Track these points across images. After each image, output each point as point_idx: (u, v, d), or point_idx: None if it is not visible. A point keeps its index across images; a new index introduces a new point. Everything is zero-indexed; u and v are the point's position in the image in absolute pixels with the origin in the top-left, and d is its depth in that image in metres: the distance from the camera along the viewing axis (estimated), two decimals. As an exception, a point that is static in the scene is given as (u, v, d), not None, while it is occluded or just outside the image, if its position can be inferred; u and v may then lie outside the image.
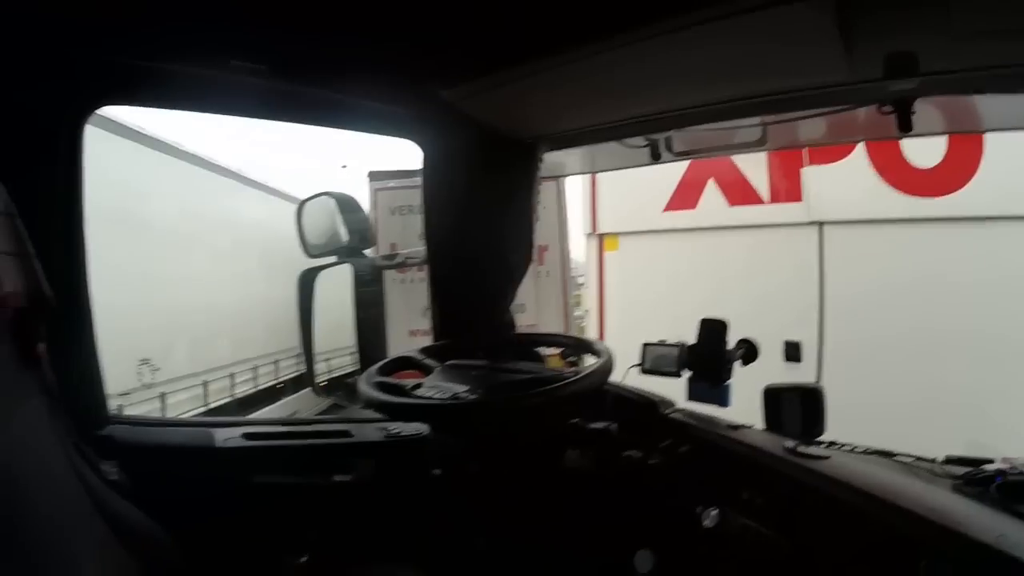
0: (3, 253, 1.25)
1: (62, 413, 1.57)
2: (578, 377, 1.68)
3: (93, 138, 1.92)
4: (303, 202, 2.51)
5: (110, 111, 1.91)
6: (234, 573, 2.00)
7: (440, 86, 1.92)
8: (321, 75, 2.04)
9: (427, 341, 2.35)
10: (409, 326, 6.67)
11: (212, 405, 8.06)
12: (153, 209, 6.85)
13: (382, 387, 1.82)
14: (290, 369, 10.38)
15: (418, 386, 1.81)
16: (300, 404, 10.02)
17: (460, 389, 1.74)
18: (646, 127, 2.23)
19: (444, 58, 1.86)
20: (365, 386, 1.83)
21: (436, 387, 1.78)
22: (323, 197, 2.47)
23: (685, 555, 1.56)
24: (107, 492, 1.62)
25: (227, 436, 2.14)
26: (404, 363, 2.04)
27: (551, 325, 6.48)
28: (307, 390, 9.99)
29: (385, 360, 2.03)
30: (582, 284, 7.42)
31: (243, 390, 9.01)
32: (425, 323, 6.92)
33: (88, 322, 1.93)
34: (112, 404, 2.13)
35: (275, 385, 10.01)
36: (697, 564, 1.54)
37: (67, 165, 1.84)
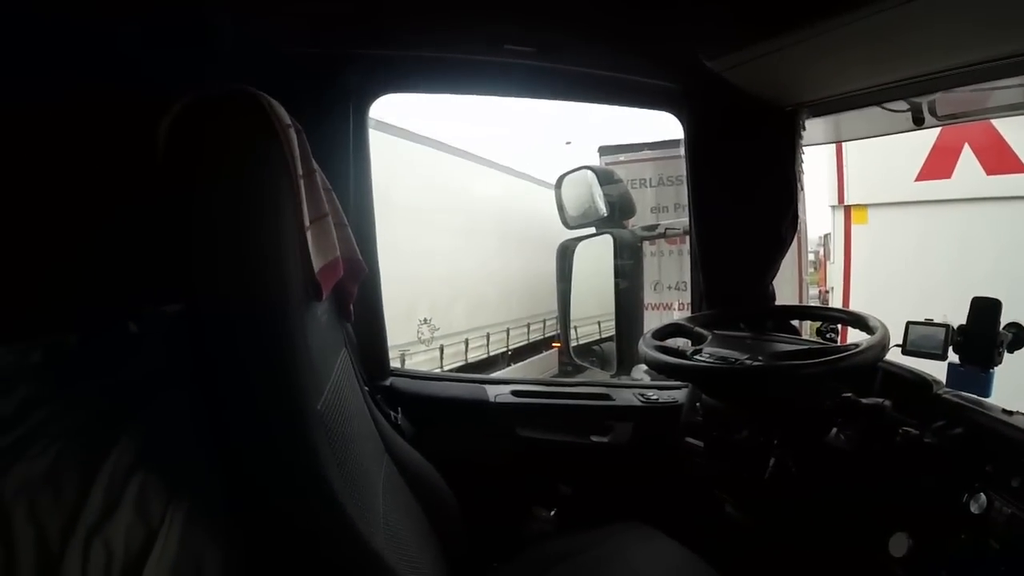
0: (334, 224, 1.43)
1: (359, 363, 1.79)
2: (860, 349, 1.65)
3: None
4: (562, 176, 2.61)
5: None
6: (491, 517, 2.15)
7: (705, 57, 1.93)
8: (587, 54, 2.14)
9: (657, 315, 2.40)
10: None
11: (447, 368, 8.48)
12: (402, 190, 7.29)
13: (664, 351, 1.88)
14: (520, 338, 10.71)
15: (696, 352, 1.85)
16: (527, 371, 10.36)
17: (740, 356, 1.77)
18: (910, 90, 2.12)
19: (709, 29, 1.87)
20: (648, 350, 1.89)
21: (715, 353, 1.82)
22: (582, 170, 2.55)
23: (945, 541, 1.51)
24: (394, 435, 1.84)
25: (497, 392, 2.34)
26: (676, 330, 2.09)
27: (786, 301, 6.26)
28: (536, 357, 10.36)
29: (659, 327, 2.08)
30: (812, 261, 7.11)
31: (475, 356, 9.40)
32: (655, 297, 7.06)
33: (377, 286, 2.20)
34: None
35: (505, 352, 10.35)
36: (957, 552, 1.49)
37: (356, 147, 2.10)
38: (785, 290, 6.39)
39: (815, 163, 5.64)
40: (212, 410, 1.10)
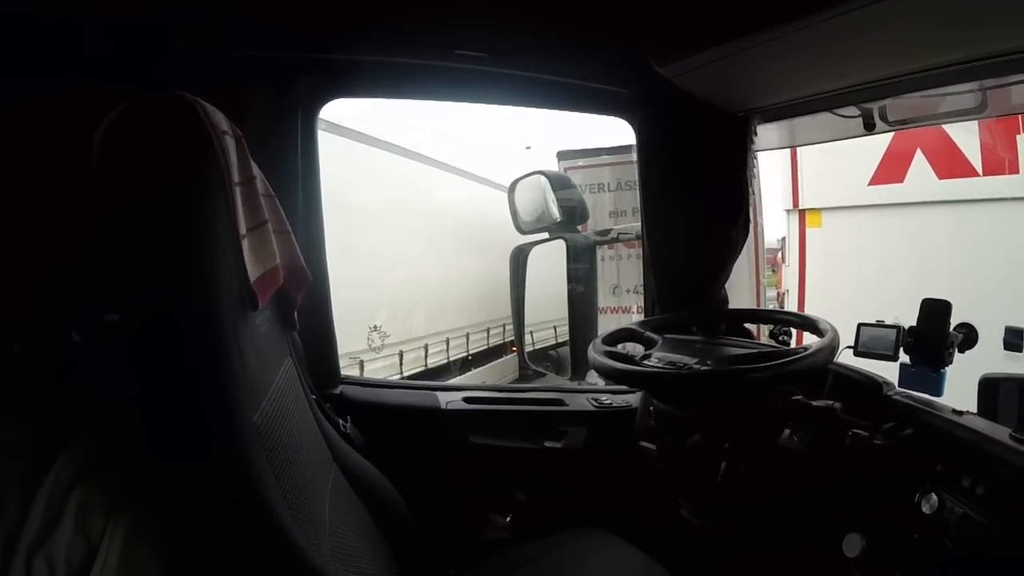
0: (273, 231, 1.40)
1: (306, 372, 1.76)
2: (809, 352, 1.67)
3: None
4: (515, 181, 2.60)
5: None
6: (446, 525, 2.13)
7: (656, 63, 1.93)
8: (538, 59, 2.13)
9: (615, 318, 2.41)
10: (599, 304, 6.72)
11: (407, 374, 8.43)
12: (363, 195, 7.24)
13: (613, 356, 1.88)
14: (479, 343, 10.69)
15: (646, 357, 1.86)
16: (487, 376, 10.36)
17: (689, 360, 1.77)
18: (860, 96, 2.15)
19: (660, 35, 1.88)
20: (597, 356, 1.89)
21: (664, 358, 1.83)
22: (535, 175, 2.54)
23: (897, 541, 1.53)
24: (342, 444, 1.81)
25: (449, 399, 2.31)
26: (627, 335, 2.09)
27: (743, 304, 6.31)
28: (494, 363, 10.35)
29: (609, 332, 2.09)
30: (769, 264, 7.19)
31: (435, 361, 9.36)
32: (614, 301, 7.09)
33: (326, 294, 2.16)
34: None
35: (465, 357, 10.32)
36: (910, 551, 1.50)
37: (305, 153, 2.06)
38: (742, 293, 6.49)
39: (771, 167, 5.74)
40: (147, 422, 1.07)
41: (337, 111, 6.89)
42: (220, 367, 1.07)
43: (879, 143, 5.11)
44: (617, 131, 2.40)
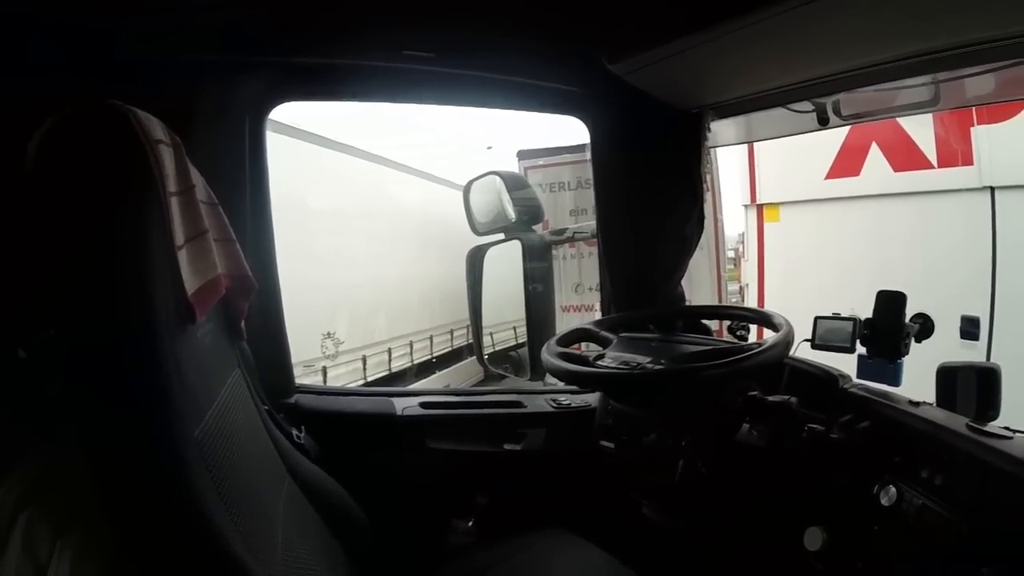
0: (214, 239, 1.36)
1: (257, 383, 1.72)
2: (763, 348, 1.67)
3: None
4: (470, 182, 2.57)
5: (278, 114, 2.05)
6: (407, 534, 2.11)
7: (608, 61, 1.92)
8: (488, 59, 2.11)
9: (578, 317, 2.40)
10: (561, 302, 6.74)
11: (370, 379, 8.39)
12: (322, 198, 7.19)
13: (566, 358, 1.87)
14: (443, 344, 10.67)
15: (600, 357, 1.85)
16: (452, 378, 10.33)
17: (642, 360, 1.76)
18: (813, 91, 2.15)
19: (610, 32, 1.87)
20: (550, 357, 1.88)
21: (618, 358, 1.81)
22: (489, 176, 2.52)
23: (858, 534, 1.53)
24: (296, 455, 1.77)
25: (405, 405, 2.28)
26: (582, 335, 2.09)
27: (704, 300, 6.40)
28: (459, 364, 10.33)
29: (563, 333, 2.08)
30: (731, 258, 7.27)
31: (399, 365, 9.32)
32: (576, 299, 7.11)
33: (277, 301, 2.12)
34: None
35: (430, 360, 10.29)
36: (870, 543, 1.50)
37: (253, 159, 2.01)
38: (704, 288, 6.55)
39: (730, 163, 5.79)
40: (86, 441, 1.03)
41: (296, 114, 6.86)
42: (156, 384, 1.04)
43: (835, 137, 5.18)
44: (579, 129, 2.39)
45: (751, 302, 5.75)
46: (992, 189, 4.62)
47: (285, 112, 2.11)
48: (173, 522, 1.05)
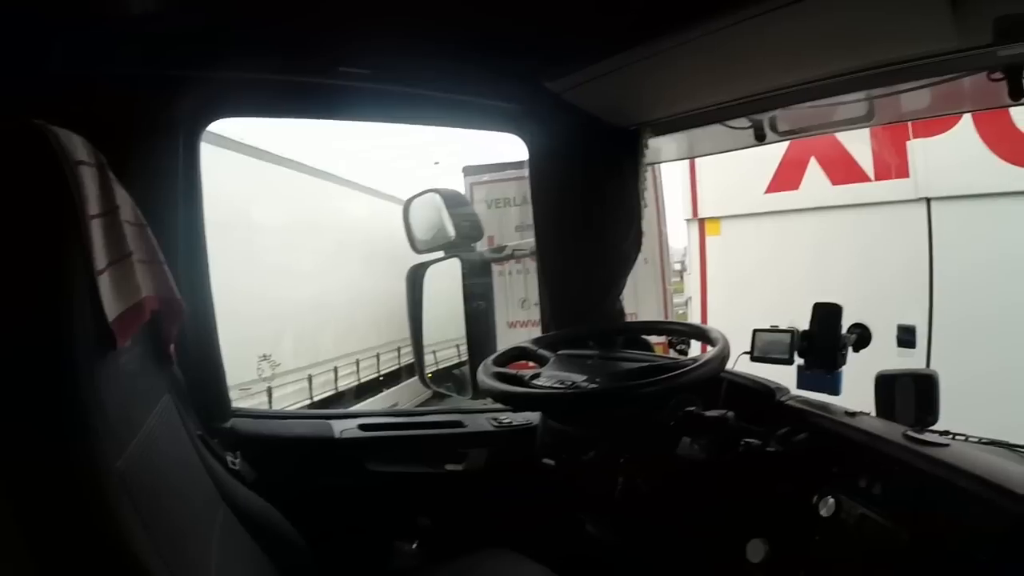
0: (139, 262, 1.32)
1: (190, 408, 1.67)
2: (698, 364, 1.67)
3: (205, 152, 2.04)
4: (409, 200, 2.55)
5: (217, 127, 2.01)
6: (349, 558, 2.08)
7: (544, 78, 1.94)
8: (425, 76, 2.10)
9: (526, 332, 2.38)
10: (508, 318, 6.74)
11: (316, 399, 8.29)
12: (266, 214, 7.10)
13: (501, 378, 1.85)
14: (391, 362, 10.58)
15: (535, 376, 1.83)
16: (399, 396, 10.26)
17: (578, 378, 1.75)
18: (750, 108, 2.18)
19: (547, 51, 1.88)
20: (485, 377, 1.86)
21: (553, 377, 1.80)
22: (429, 194, 2.50)
23: (799, 545, 1.54)
24: (231, 481, 1.73)
25: (344, 427, 2.24)
26: (519, 354, 2.07)
27: (651, 313, 6.46)
28: (407, 382, 10.25)
29: (501, 351, 2.06)
30: (679, 271, 7.36)
31: (346, 384, 9.23)
32: (523, 314, 7.11)
33: (211, 323, 2.05)
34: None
35: (377, 378, 10.20)
36: (812, 554, 1.51)
37: (186, 177, 1.95)
38: (650, 301, 6.59)
39: (674, 177, 5.84)
40: (4, 473, 0.99)
41: (240, 128, 6.77)
42: (74, 414, 1.01)
43: (775, 152, 5.25)
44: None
45: (694, 315, 5.80)
46: (928, 200, 4.72)
47: (231, 125, 2.07)
48: (95, 558, 1.02)
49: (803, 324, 1.83)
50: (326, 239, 8.86)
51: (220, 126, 2.03)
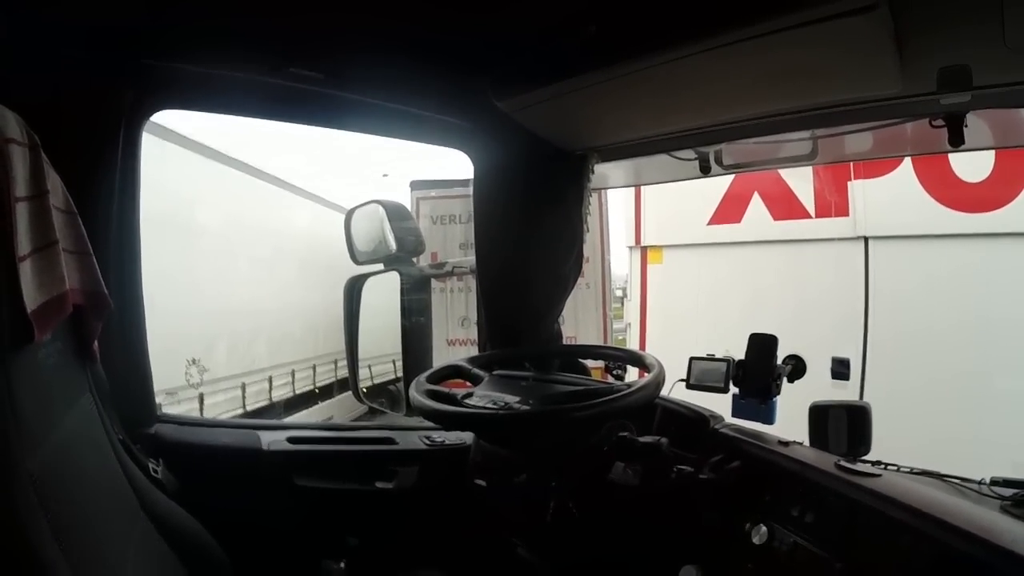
0: (65, 251, 1.26)
1: (112, 410, 1.61)
2: (632, 390, 1.67)
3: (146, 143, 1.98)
4: (352, 210, 2.53)
5: (162, 118, 1.95)
6: (274, 575, 2.02)
7: (494, 97, 1.93)
8: (376, 85, 2.08)
9: (465, 350, 2.37)
10: (447, 335, 6.71)
11: (250, 408, 8.14)
12: (200, 213, 6.97)
13: (433, 396, 1.82)
14: (327, 374, 10.44)
15: (468, 395, 1.81)
16: (335, 410, 10.13)
17: (511, 399, 1.74)
18: (696, 140, 2.22)
19: (499, 70, 1.88)
20: (417, 394, 1.83)
21: (487, 397, 1.79)
22: (372, 205, 2.48)
23: (732, 572, 1.55)
24: (151, 490, 1.66)
25: (272, 439, 2.17)
26: (453, 372, 2.05)
27: (590, 338, 6.50)
28: (343, 396, 10.12)
29: (434, 369, 2.04)
30: (620, 297, 7.42)
31: (280, 394, 9.08)
32: (463, 333, 7.09)
33: (139, 322, 1.98)
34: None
35: (312, 390, 10.05)
36: None
37: (125, 168, 1.88)
38: (590, 325, 6.62)
39: (618, 204, 5.91)
40: None
41: (183, 122, 6.66)
42: None
43: (720, 185, 5.37)
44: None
45: (634, 341, 5.86)
46: (866, 239, 4.84)
47: (176, 118, 2.01)
48: (5, 565, 0.97)
49: (740, 354, 1.86)
50: (265, 245, 8.74)
51: (164, 117, 1.97)
